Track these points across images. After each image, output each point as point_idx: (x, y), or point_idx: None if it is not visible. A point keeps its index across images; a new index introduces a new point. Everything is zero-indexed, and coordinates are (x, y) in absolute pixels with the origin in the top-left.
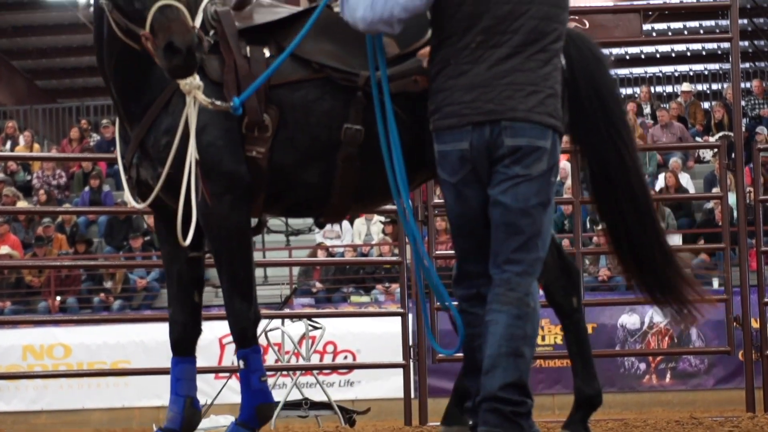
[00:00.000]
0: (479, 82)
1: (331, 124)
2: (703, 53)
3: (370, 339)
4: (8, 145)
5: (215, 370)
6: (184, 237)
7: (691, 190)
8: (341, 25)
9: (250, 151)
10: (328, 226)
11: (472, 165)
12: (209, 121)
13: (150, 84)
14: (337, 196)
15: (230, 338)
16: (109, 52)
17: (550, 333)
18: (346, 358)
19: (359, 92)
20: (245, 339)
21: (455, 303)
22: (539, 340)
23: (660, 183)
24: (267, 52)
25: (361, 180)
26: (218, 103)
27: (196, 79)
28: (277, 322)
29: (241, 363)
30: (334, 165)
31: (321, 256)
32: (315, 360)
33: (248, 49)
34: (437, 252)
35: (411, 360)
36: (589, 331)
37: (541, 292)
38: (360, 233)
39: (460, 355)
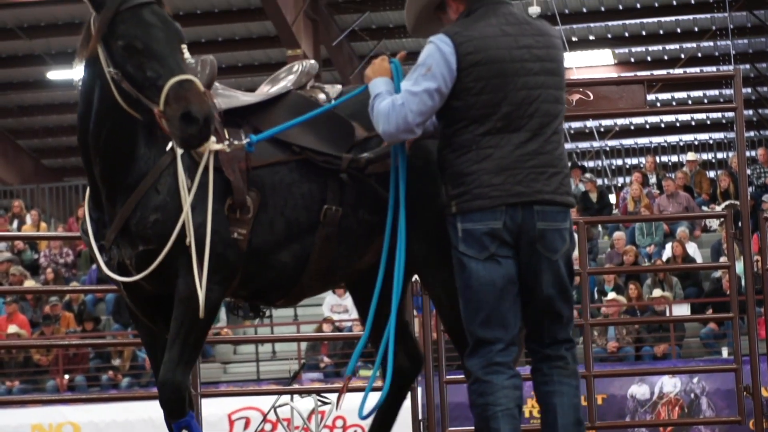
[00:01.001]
0: (506, 165)
1: (310, 206)
2: (708, 122)
3: None
4: (15, 224)
5: None
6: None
7: (699, 260)
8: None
9: (232, 233)
10: (336, 300)
11: (501, 242)
12: (199, 202)
13: (138, 161)
14: (307, 277)
15: (240, 414)
16: (99, 126)
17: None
18: None
19: (343, 174)
20: (183, 408)
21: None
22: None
23: (667, 252)
24: (243, 135)
25: (332, 260)
26: (236, 142)
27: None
28: (286, 398)
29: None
30: (311, 246)
31: (328, 330)
32: None
33: (226, 131)
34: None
35: None
36: (599, 402)
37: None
38: None
39: (471, 428)
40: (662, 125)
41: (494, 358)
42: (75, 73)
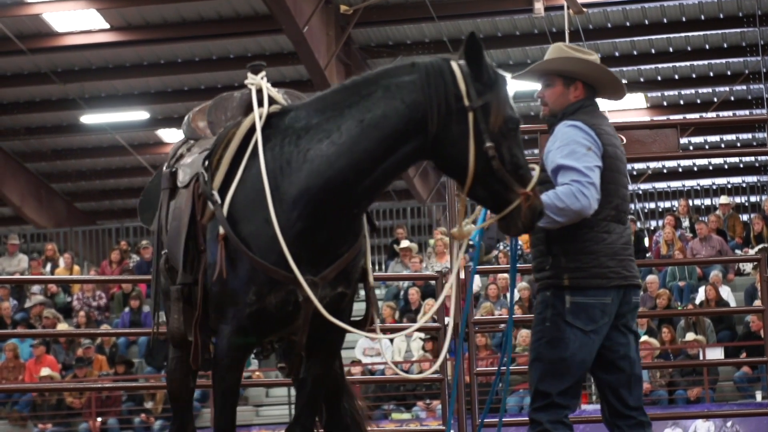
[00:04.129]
0: (616, 251)
1: None
2: (741, 166)
3: None
4: (48, 267)
5: None
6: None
7: (732, 303)
8: None
9: None
10: (369, 343)
11: (607, 318)
12: None
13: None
14: None
15: None
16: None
17: None
18: None
19: None
20: None
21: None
22: None
23: (700, 296)
24: None
25: None
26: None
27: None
28: None
29: None
30: None
31: (358, 373)
32: None
33: None
34: (478, 369)
35: None
36: None
37: None
38: (400, 350)
39: None
40: (695, 169)
41: (563, 419)
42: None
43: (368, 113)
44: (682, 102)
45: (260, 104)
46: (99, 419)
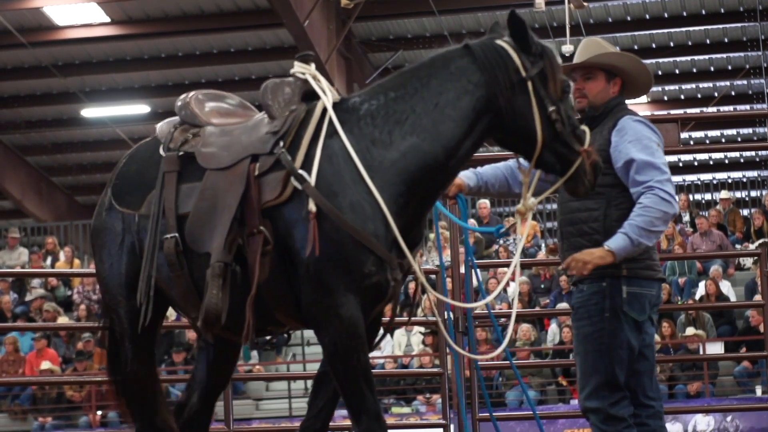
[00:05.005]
0: (655, 246)
1: None
2: (741, 160)
3: None
4: (49, 260)
5: None
6: None
7: (732, 298)
8: None
9: None
10: None
11: (653, 308)
12: None
13: None
14: None
15: None
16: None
17: None
18: None
19: None
20: None
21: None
22: None
23: (700, 291)
24: None
25: None
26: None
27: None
28: None
29: None
30: None
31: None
32: None
33: None
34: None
35: None
36: None
37: None
38: (400, 344)
39: None
40: (695, 163)
41: (660, 409)
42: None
43: (440, 96)
44: (682, 97)
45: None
46: (99, 413)
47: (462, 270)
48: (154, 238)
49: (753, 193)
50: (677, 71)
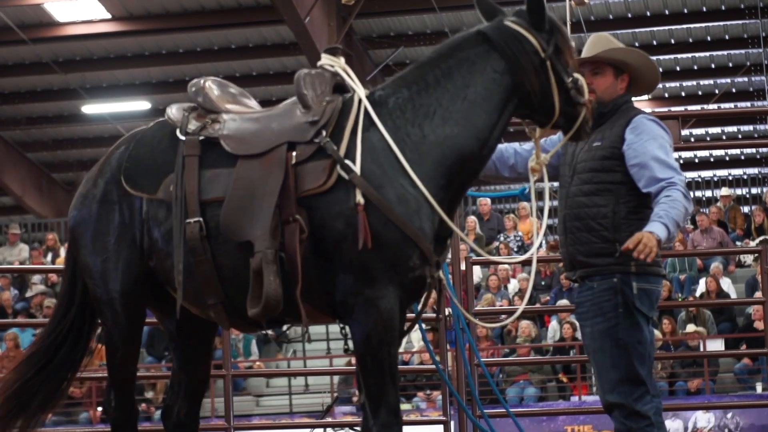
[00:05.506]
0: None
1: None
2: (742, 157)
3: None
4: (49, 257)
5: None
6: None
7: (733, 295)
8: None
9: None
10: None
11: (657, 304)
12: None
13: None
14: None
15: None
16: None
17: None
18: None
19: None
20: None
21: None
22: None
23: (701, 288)
24: None
25: None
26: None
27: None
28: (319, 431)
29: None
30: None
31: None
32: None
33: None
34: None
35: None
36: None
37: None
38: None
39: None
40: (696, 160)
41: (659, 405)
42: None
43: (468, 89)
44: (683, 93)
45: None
46: (99, 409)
47: (463, 267)
48: (181, 222)
49: (754, 190)
50: (678, 68)
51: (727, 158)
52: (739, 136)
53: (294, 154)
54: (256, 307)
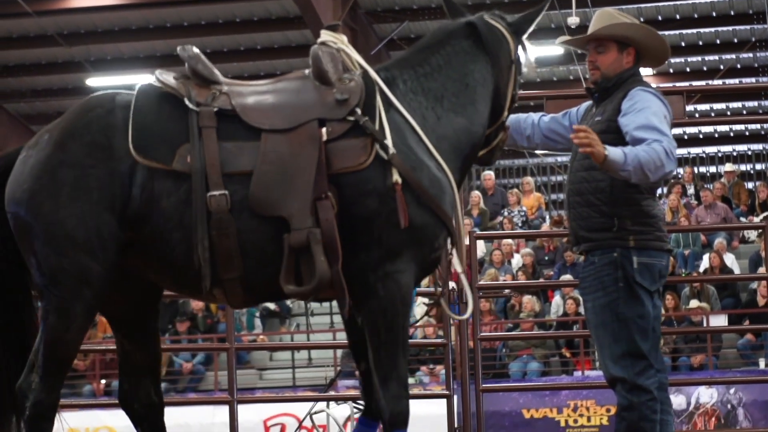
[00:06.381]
0: (663, 217)
1: None
2: (746, 133)
3: (415, 420)
4: None
5: None
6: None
7: (736, 271)
8: None
9: None
10: None
11: (662, 279)
12: None
13: None
14: None
15: (276, 420)
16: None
17: (595, 414)
18: None
19: None
20: None
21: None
22: (585, 421)
23: (704, 263)
24: None
25: None
26: None
27: None
28: (322, 405)
29: None
30: None
31: None
32: None
33: None
34: (482, 334)
35: None
36: None
37: None
38: None
39: None
40: (701, 136)
41: (663, 380)
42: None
43: (467, 77)
44: (688, 69)
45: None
46: (103, 381)
47: (467, 241)
48: (201, 196)
49: (758, 166)
50: (683, 44)
51: (732, 134)
52: (744, 112)
53: (324, 130)
54: (292, 284)
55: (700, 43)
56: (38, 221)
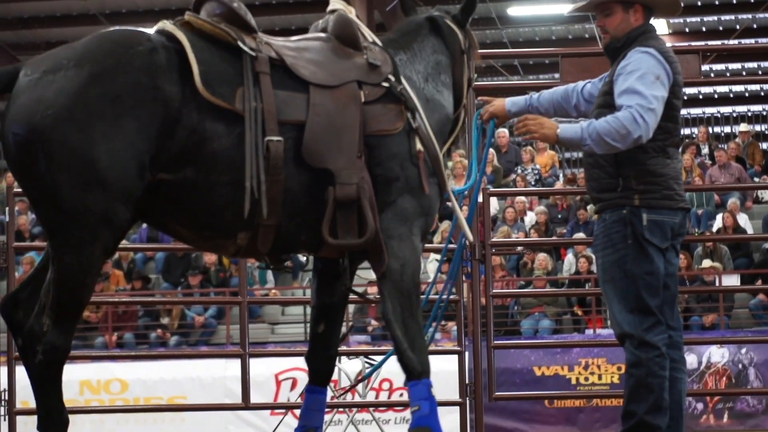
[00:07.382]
0: (677, 175)
1: None
2: (762, 93)
3: None
4: None
5: (272, 407)
6: None
7: (750, 231)
8: None
9: None
10: None
11: (674, 236)
12: None
13: None
14: None
15: (287, 375)
16: None
17: (606, 372)
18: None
19: None
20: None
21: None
22: (596, 379)
23: (718, 223)
24: None
25: None
26: None
27: None
28: None
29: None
30: None
31: (375, 292)
32: (371, 397)
33: None
34: (494, 291)
35: (467, 398)
36: None
37: None
38: None
39: (517, 393)
40: (716, 96)
41: (672, 337)
42: None
43: (438, 65)
44: (704, 29)
45: None
46: (115, 334)
47: (480, 198)
48: (255, 138)
49: None
50: (699, 3)
51: (747, 94)
52: (759, 72)
53: (362, 93)
54: (332, 236)
55: (716, 2)
56: (63, 152)
